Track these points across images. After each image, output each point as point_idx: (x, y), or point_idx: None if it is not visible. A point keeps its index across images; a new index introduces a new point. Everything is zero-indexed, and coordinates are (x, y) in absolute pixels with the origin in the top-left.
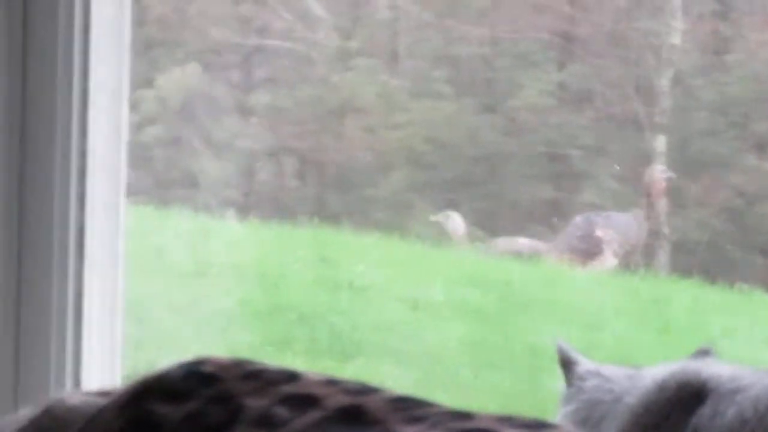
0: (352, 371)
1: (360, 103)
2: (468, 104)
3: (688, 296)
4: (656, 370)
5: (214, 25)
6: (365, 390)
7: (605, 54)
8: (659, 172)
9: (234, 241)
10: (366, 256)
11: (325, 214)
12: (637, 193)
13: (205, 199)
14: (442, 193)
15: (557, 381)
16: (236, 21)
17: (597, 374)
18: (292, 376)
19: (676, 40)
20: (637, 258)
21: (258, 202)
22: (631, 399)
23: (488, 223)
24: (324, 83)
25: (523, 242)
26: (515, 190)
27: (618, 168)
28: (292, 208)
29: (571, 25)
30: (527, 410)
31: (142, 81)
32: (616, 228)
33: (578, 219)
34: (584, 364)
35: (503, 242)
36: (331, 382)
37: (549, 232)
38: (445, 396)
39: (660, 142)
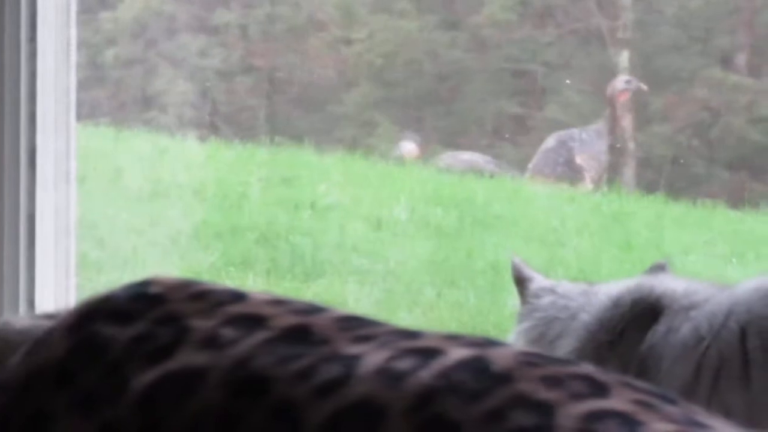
0: (314, 291)
1: (322, 18)
2: (430, 20)
3: (651, 212)
4: (611, 287)
5: None
6: (312, 309)
7: None
8: (623, 83)
9: (194, 161)
10: (328, 176)
11: (289, 132)
12: (601, 108)
13: (167, 119)
14: (405, 110)
15: (516, 298)
16: None
17: (551, 291)
18: (238, 296)
19: None
20: (603, 175)
21: (220, 122)
22: (586, 316)
23: (452, 140)
24: (285, 0)
25: (466, 157)
26: (479, 106)
27: (568, 82)
28: (255, 127)
29: None
30: (489, 327)
31: (104, 2)
32: (590, 152)
33: (552, 143)
34: (539, 281)
35: (447, 157)
36: (278, 302)
37: (513, 149)
38: (408, 315)
39: (623, 58)
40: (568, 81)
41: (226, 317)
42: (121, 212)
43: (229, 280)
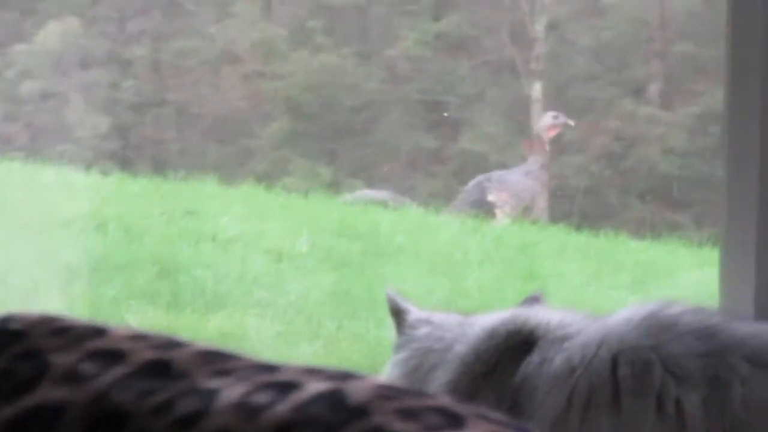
0: (215, 324)
1: (237, 52)
2: (345, 54)
3: (555, 243)
4: (486, 318)
5: None
6: (172, 344)
7: (480, 1)
8: (551, 118)
9: (98, 194)
10: (232, 208)
11: (201, 165)
12: (516, 139)
13: (80, 152)
14: (320, 143)
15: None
16: None
17: (427, 322)
18: (99, 331)
19: None
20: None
21: (133, 155)
22: (461, 347)
23: (366, 173)
24: (200, 34)
25: (369, 193)
26: (394, 139)
27: (446, 115)
28: (167, 160)
29: None
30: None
31: (20, 35)
32: (509, 190)
33: (471, 185)
34: (414, 312)
35: (351, 197)
36: (139, 337)
37: (429, 180)
38: (309, 347)
39: (536, 89)
40: (446, 114)
41: (87, 352)
42: (22, 245)
43: (130, 313)
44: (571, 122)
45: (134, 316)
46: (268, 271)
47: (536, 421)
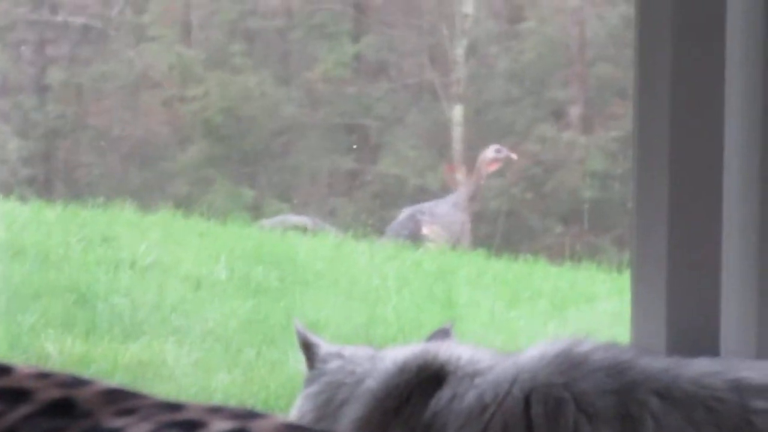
0: (133, 352)
1: (155, 76)
2: (264, 76)
3: (475, 269)
4: (397, 352)
5: (9, 3)
6: (77, 382)
7: (399, 24)
8: (493, 152)
9: (15, 222)
10: (150, 235)
11: (122, 189)
12: (435, 162)
13: (2, 176)
14: (240, 166)
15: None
16: None
17: (338, 356)
18: (3, 370)
19: (469, 8)
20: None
21: (54, 180)
22: (372, 382)
23: (286, 196)
24: (119, 58)
25: (288, 218)
26: (314, 161)
27: (355, 147)
28: (88, 184)
29: None
30: None
31: None
32: (441, 222)
33: (403, 216)
34: (324, 346)
35: (270, 222)
36: (43, 375)
37: (349, 203)
38: (228, 375)
39: (457, 112)
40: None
41: None
42: None
43: (48, 341)
44: (514, 156)
45: (52, 344)
46: (186, 298)
47: None
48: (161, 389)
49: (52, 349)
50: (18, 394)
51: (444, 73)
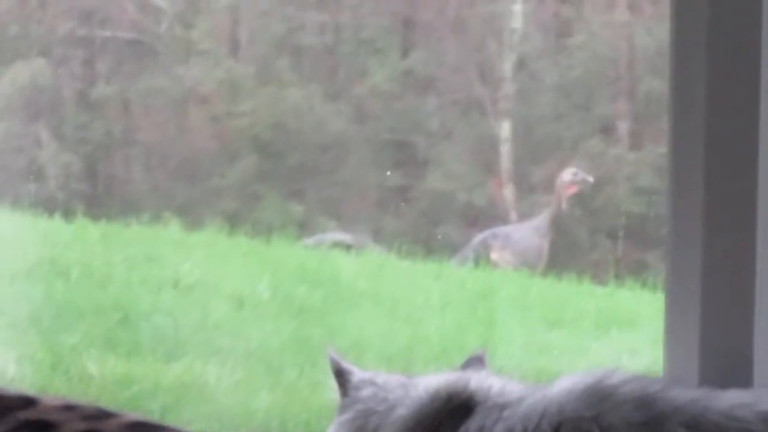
0: (175, 372)
1: (204, 91)
2: (313, 91)
3: (517, 289)
4: (429, 380)
5: (58, 18)
6: (102, 415)
7: (448, 39)
8: (570, 175)
9: (61, 240)
10: (194, 253)
11: (170, 206)
12: (483, 178)
13: (48, 193)
14: (289, 182)
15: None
16: (80, 14)
17: (371, 383)
18: (28, 402)
19: (518, 23)
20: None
21: (102, 196)
22: (404, 410)
23: (335, 212)
24: (168, 74)
25: (329, 236)
26: (362, 177)
27: (389, 173)
28: (136, 201)
29: (414, 11)
30: None
31: None
32: (513, 248)
33: (477, 240)
34: (357, 373)
35: (312, 240)
36: (69, 408)
37: (395, 220)
38: (270, 395)
39: (505, 127)
40: (389, 173)
41: (16, 424)
42: None
43: (90, 361)
44: (590, 179)
45: (94, 364)
46: (229, 318)
47: None
48: (203, 410)
49: (93, 369)
50: (43, 427)
51: (492, 89)
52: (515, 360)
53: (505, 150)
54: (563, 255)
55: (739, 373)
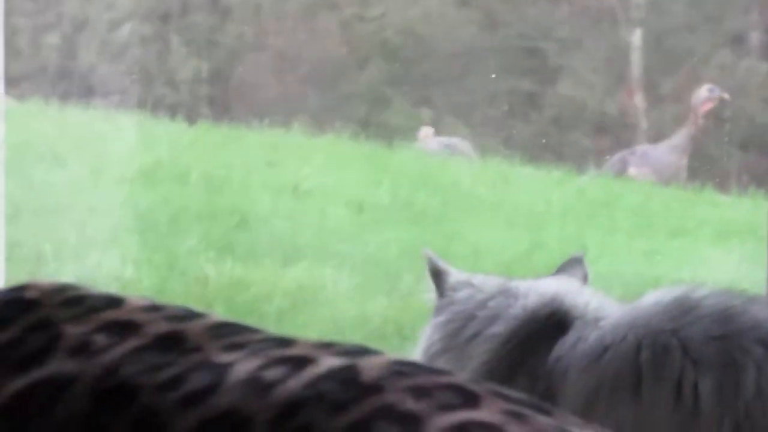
0: (292, 276)
1: None
2: None
3: (640, 198)
4: (528, 290)
5: None
6: (187, 316)
7: None
8: (706, 92)
9: (182, 143)
10: (315, 159)
11: (300, 110)
12: (614, 87)
13: (177, 97)
14: (419, 88)
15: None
16: None
17: (468, 284)
18: (114, 302)
19: None
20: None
21: (231, 101)
22: (501, 327)
23: (465, 117)
24: None
25: (447, 141)
26: (492, 84)
27: (494, 76)
28: (265, 106)
29: None
30: None
31: None
32: (650, 165)
33: (615, 158)
34: (454, 274)
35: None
36: (154, 308)
37: (525, 126)
38: (387, 299)
39: (636, 36)
40: (493, 75)
41: (100, 323)
42: (101, 194)
43: (208, 264)
44: (726, 96)
45: (211, 267)
46: (348, 222)
47: (567, 403)
48: (320, 313)
49: (211, 271)
50: (127, 327)
51: None
52: (633, 269)
53: (636, 59)
54: (696, 165)
55: None
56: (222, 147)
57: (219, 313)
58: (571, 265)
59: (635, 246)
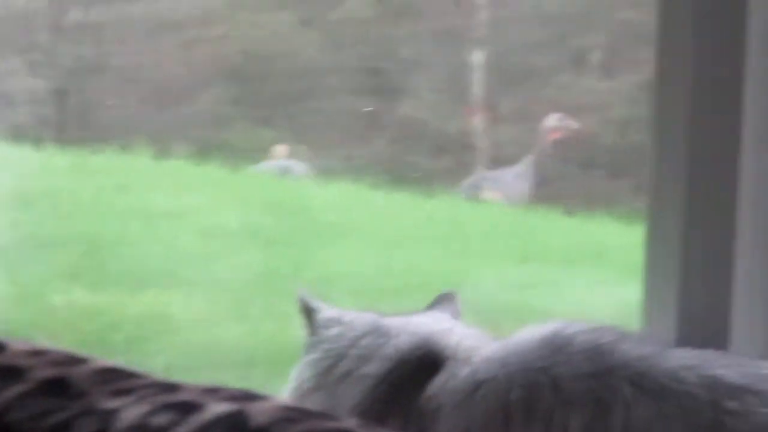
0: (142, 302)
1: (177, 17)
2: (287, 17)
3: (488, 220)
4: (399, 329)
5: None
6: (72, 360)
7: None
8: (555, 120)
9: (29, 168)
10: (162, 182)
11: (143, 131)
12: (458, 107)
13: (17, 119)
14: (261, 109)
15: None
16: None
17: (338, 321)
18: None
19: None
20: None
21: (72, 122)
22: (373, 368)
23: (306, 139)
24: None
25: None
26: (335, 104)
27: (371, 108)
28: (107, 127)
29: None
30: None
31: None
32: (501, 191)
33: (469, 182)
34: (325, 311)
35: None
36: (38, 353)
37: (366, 146)
38: (237, 326)
39: (479, 56)
40: (370, 108)
41: None
42: None
43: (56, 293)
44: (576, 125)
45: (59, 295)
46: (197, 247)
47: None
48: (170, 341)
49: (58, 300)
50: (11, 372)
51: (467, 17)
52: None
53: (478, 79)
54: (542, 190)
55: (715, 334)
56: (69, 171)
57: (68, 342)
58: (443, 301)
59: (486, 271)
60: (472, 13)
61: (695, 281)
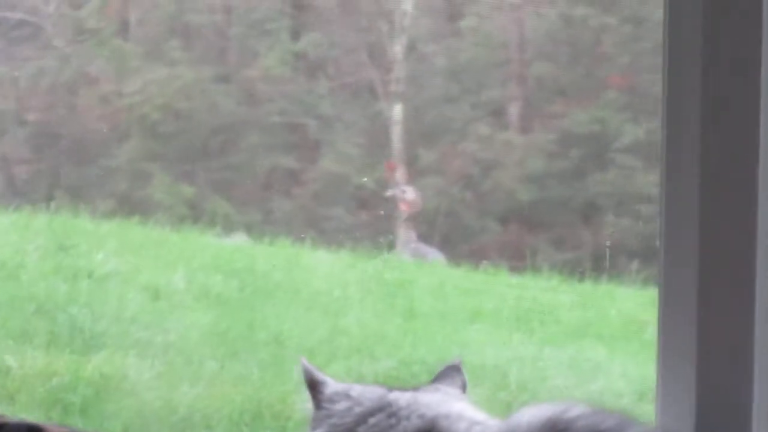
0: (95, 364)
1: (92, 72)
2: (203, 73)
3: (433, 279)
4: (408, 409)
5: None
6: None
7: (338, 22)
8: (408, 194)
9: None
10: (106, 243)
11: (62, 187)
12: (376, 161)
13: None
14: (179, 163)
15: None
16: None
17: (346, 396)
18: (32, 429)
19: (408, 6)
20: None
21: None
22: None
23: (226, 194)
24: (56, 54)
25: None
26: (253, 160)
27: (366, 179)
28: (28, 183)
29: None
30: (274, 401)
31: None
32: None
33: (413, 242)
34: (332, 385)
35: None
36: None
37: (287, 202)
38: (191, 389)
39: (396, 110)
40: (365, 179)
41: None
42: None
43: (8, 353)
44: (411, 195)
45: (12, 357)
46: (146, 308)
47: None
48: (125, 403)
49: (12, 361)
50: None
51: (383, 71)
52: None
53: (397, 132)
54: (455, 238)
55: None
56: (9, 231)
57: (24, 404)
58: (449, 373)
59: (435, 331)
60: (388, 68)
61: (714, 375)
